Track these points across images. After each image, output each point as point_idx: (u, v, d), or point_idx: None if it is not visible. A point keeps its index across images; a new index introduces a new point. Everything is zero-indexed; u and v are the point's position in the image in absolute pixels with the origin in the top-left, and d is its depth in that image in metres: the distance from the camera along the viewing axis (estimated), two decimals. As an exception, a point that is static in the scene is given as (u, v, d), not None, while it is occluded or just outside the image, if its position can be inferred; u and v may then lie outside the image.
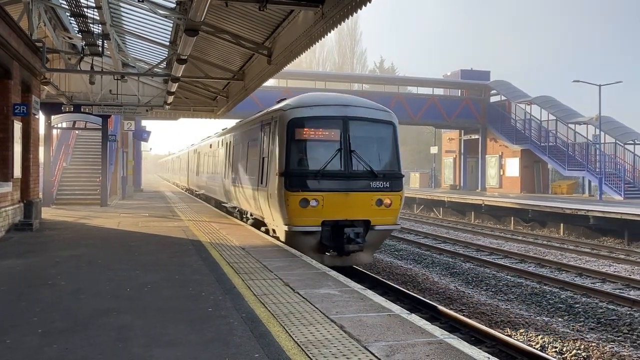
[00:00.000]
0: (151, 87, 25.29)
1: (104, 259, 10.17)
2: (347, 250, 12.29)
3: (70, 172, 27.46)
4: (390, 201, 12.79)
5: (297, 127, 12.54)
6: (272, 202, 12.92)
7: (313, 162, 12.66)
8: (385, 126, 13.26)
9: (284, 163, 12.42)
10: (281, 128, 12.67)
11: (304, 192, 12.24)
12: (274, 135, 12.98)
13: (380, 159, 13.12)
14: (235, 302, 6.94)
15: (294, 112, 12.72)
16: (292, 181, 12.30)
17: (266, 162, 13.53)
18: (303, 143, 12.73)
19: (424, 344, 5.29)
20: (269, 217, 13.70)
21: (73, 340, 5.38)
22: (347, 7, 10.41)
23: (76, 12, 13.70)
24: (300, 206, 12.20)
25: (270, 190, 12.99)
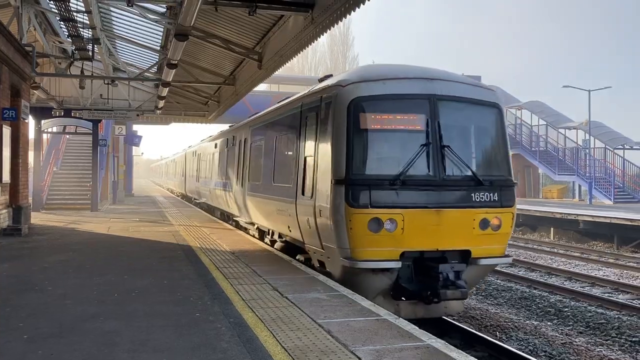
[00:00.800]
0: (142, 92, 25.22)
1: (92, 264, 10.12)
2: (444, 297, 8.40)
3: (60, 176, 27.32)
4: (500, 221, 8.87)
5: (363, 111, 8.67)
6: (321, 222, 8.97)
7: (388, 164, 8.80)
8: (488, 110, 9.37)
9: (344, 165, 8.49)
10: (338, 113, 8.75)
11: (376, 208, 8.31)
12: (326, 124, 9.07)
13: (484, 159, 9.45)
14: (223, 307, 6.92)
15: (358, 88, 8.77)
16: (358, 192, 8.34)
17: (311, 165, 9.55)
18: (373, 135, 8.78)
19: (411, 349, 5.30)
20: (312, 243, 9.70)
21: (58, 346, 5.34)
22: (336, 12, 10.44)
23: (66, 16, 13.66)
24: (370, 230, 8.28)
25: (319, 204, 9.01)
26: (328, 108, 9.04)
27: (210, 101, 26.13)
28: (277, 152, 12.13)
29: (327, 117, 9.03)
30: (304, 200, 9.74)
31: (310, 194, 9.41)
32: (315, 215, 9.13)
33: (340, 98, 8.80)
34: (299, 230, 10.15)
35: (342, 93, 8.82)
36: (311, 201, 9.30)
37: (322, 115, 9.28)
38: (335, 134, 8.75)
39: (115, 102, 23.68)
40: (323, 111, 9.26)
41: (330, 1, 10.51)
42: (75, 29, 14.66)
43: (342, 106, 8.71)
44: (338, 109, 8.77)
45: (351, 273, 8.59)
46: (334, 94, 8.96)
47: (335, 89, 9.03)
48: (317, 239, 9.34)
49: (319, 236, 9.21)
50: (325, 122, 9.09)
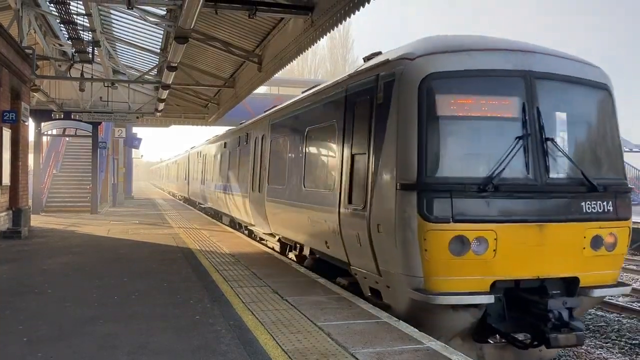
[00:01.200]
0: (142, 94, 25.25)
1: (92, 267, 10.11)
2: (556, 343, 6.38)
3: (60, 179, 27.31)
4: (615, 239, 6.95)
5: (441, 92, 6.66)
6: (379, 239, 6.93)
7: (473, 163, 6.80)
8: (597, 93, 7.39)
9: (416, 164, 6.47)
10: (405, 95, 6.69)
11: (460, 222, 6.33)
12: (385, 111, 6.97)
13: (594, 156, 7.39)
14: (223, 309, 6.91)
15: (433, 61, 6.73)
16: (436, 201, 6.35)
17: (362, 165, 7.48)
18: (454, 124, 6.81)
19: (411, 351, 5.29)
20: (362, 265, 7.61)
21: (58, 349, 5.33)
22: (336, 15, 10.47)
23: (66, 19, 13.69)
24: (452, 252, 6.30)
25: (376, 216, 6.97)
26: (389, 89, 6.94)
27: (210, 104, 26.17)
28: (308, 150, 10.04)
29: (388, 102, 6.92)
30: (352, 211, 7.65)
31: (361, 203, 7.33)
32: (370, 230, 7.06)
33: (407, 75, 6.71)
34: (343, 247, 8.08)
35: (410, 69, 6.71)
36: (363, 212, 7.21)
37: (379, 99, 7.17)
38: (401, 123, 6.66)
39: (115, 105, 23.70)
40: (381, 94, 7.13)
41: (329, 4, 10.53)
42: (75, 31, 14.70)
43: (411, 85, 6.63)
44: (405, 90, 6.69)
45: (422, 308, 6.54)
46: (399, 70, 6.83)
47: (399, 64, 6.87)
48: (370, 261, 7.22)
49: (374, 258, 7.09)
50: (385, 108, 6.97)
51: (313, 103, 9.99)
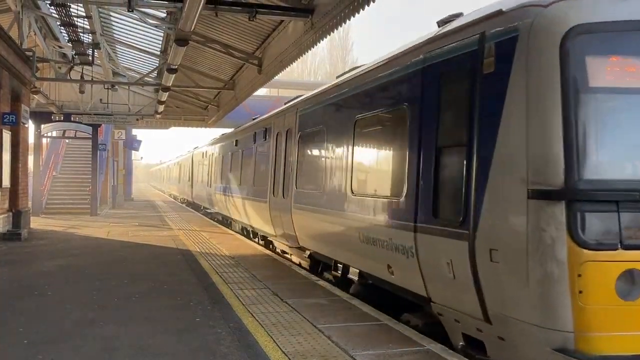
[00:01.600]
0: (142, 96, 25.26)
1: (92, 269, 10.11)
2: None
3: (60, 181, 27.32)
4: None
5: (594, 53, 4.63)
6: (496, 271, 4.87)
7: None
8: None
9: (562, 160, 4.44)
10: (538, 58, 4.67)
11: (635, 249, 4.38)
12: (501, 83, 4.93)
13: None
14: (224, 311, 6.92)
15: (578, 8, 4.70)
16: (594, 216, 4.41)
17: (457, 162, 5.47)
18: (614, 100, 4.75)
19: (411, 353, 5.30)
20: (454, 302, 5.62)
21: (58, 351, 5.34)
22: (336, 18, 10.47)
23: (66, 21, 13.71)
24: (620, 294, 4.35)
25: (488, 236, 4.96)
26: (507, 52, 4.86)
27: (210, 105, 26.17)
28: (358, 145, 7.90)
29: (505, 70, 4.84)
30: (439, 227, 5.56)
31: (456, 217, 5.26)
32: (475, 257, 4.98)
33: (540, 29, 4.63)
34: (420, 276, 6.02)
35: (544, 19, 4.64)
36: (461, 230, 5.14)
37: (486, 68, 5.07)
38: (532, 99, 4.60)
39: (115, 107, 23.71)
40: (491, 58, 5.03)
41: (330, 7, 10.54)
42: (75, 33, 14.72)
43: (549, 43, 4.57)
44: (538, 51, 4.62)
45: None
46: (525, 23, 4.74)
47: (524, 15, 4.79)
48: (471, 300, 5.13)
49: (479, 296, 5.02)
50: (499, 79, 4.91)
51: (366, 84, 7.73)
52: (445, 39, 5.79)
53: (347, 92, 8.44)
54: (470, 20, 5.53)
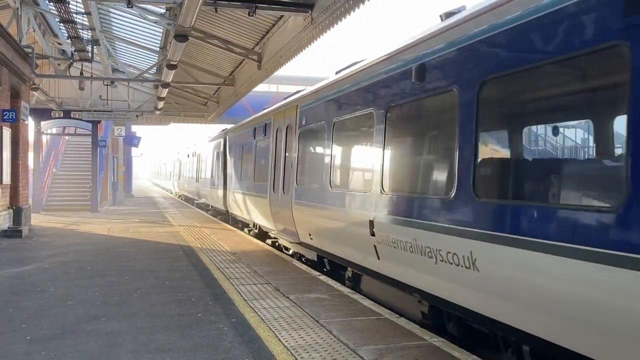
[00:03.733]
0: (141, 93, 25.24)
1: (93, 266, 10.12)
2: None
3: (60, 178, 27.31)
4: None
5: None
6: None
7: None
8: None
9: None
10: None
11: None
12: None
13: None
14: (225, 307, 6.93)
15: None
16: None
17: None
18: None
19: (413, 347, 5.31)
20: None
21: (61, 347, 5.35)
22: (336, 13, 10.45)
23: (66, 18, 13.66)
24: None
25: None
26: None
27: (209, 102, 26.17)
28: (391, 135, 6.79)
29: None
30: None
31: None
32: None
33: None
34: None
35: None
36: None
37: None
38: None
39: (114, 103, 23.68)
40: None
41: (329, 1, 10.52)
42: (74, 30, 14.68)
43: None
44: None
45: None
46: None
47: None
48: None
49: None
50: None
51: (419, 55, 6.16)
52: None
53: (381, 72, 7.08)
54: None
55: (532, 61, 4.51)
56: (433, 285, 5.88)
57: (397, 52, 6.81)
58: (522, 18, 4.56)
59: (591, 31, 3.92)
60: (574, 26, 4.06)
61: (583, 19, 3.99)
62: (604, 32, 3.81)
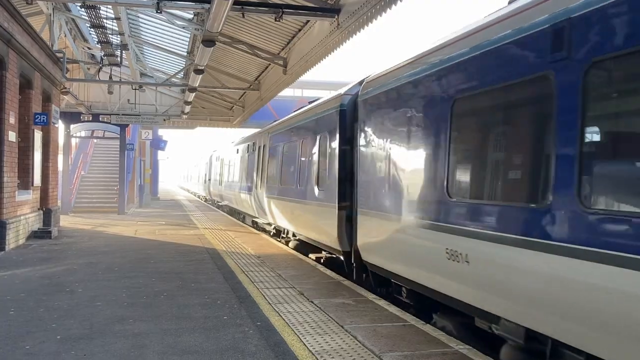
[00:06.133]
0: (168, 97, 25.57)
1: (120, 267, 10.26)
2: None
3: (88, 180, 27.79)
4: None
5: None
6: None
7: None
8: None
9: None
10: None
11: None
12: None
13: None
14: (250, 310, 6.97)
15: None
16: None
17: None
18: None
19: (439, 354, 5.27)
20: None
21: (90, 347, 5.44)
22: (362, 17, 10.47)
23: (96, 23, 13.95)
24: None
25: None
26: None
27: (235, 106, 26.38)
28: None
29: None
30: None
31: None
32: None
33: None
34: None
35: None
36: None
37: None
38: None
39: (142, 107, 24.06)
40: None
41: (356, 6, 10.55)
42: (104, 35, 14.97)
43: None
44: None
45: None
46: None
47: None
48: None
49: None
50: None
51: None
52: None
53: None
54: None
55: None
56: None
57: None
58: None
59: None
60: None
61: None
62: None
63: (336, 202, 9.45)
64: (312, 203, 11.02)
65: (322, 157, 10.54)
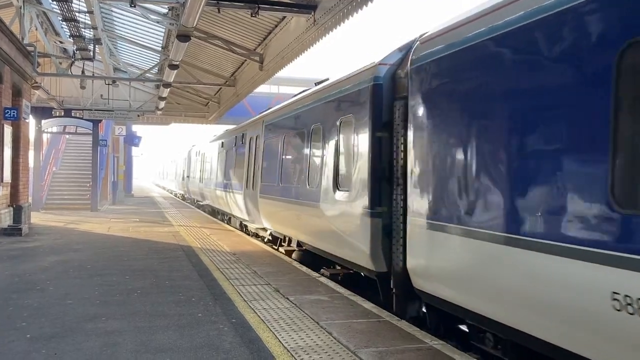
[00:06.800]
0: (143, 92, 25.27)
1: (93, 264, 10.11)
2: None
3: (60, 176, 27.33)
4: None
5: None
6: None
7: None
8: None
9: None
10: None
11: None
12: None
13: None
14: (225, 307, 6.92)
15: None
16: None
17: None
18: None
19: (413, 350, 5.30)
20: None
21: (61, 346, 5.34)
22: (339, 14, 10.46)
23: (68, 16, 13.69)
24: None
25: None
26: None
27: (210, 102, 26.19)
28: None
29: None
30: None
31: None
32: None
33: None
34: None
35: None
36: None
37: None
38: None
39: (115, 103, 23.71)
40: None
41: (332, 3, 10.53)
42: (76, 29, 14.71)
43: None
44: None
45: None
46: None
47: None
48: None
49: None
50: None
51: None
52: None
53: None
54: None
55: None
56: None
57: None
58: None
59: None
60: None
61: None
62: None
63: (368, 207, 7.34)
64: (328, 207, 8.87)
65: (344, 148, 8.47)
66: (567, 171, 4.17)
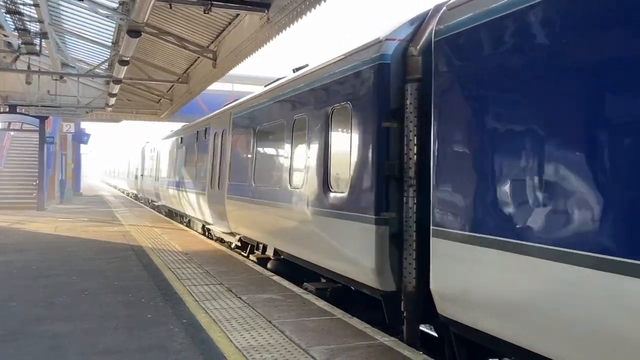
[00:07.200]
0: (92, 89, 24.62)
1: (38, 265, 9.81)
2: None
3: (4, 175, 26.41)
4: None
5: None
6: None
7: None
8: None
9: None
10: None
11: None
12: None
13: None
14: (176, 308, 6.84)
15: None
16: None
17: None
18: None
19: (364, 347, 5.37)
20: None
21: (4, 350, 5.17)
22: (292, 13, 10.45)
23: (12, 9, 13.20)
24: None
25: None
26: None
27: (162, 99, 25.75)
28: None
29: None
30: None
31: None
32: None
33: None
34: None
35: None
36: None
37: None
38: None
39: (63, 99, 23.02)
40: None
41: (286, 1, 10.52)
42: (21, 22, 14.19)
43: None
44: None
45: None
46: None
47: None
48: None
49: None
50: None
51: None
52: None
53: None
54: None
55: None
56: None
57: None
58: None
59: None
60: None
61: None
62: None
63: (373, 213, 6.14)
64: (318, 211, 7.57)
65: (339, 141, 7.24)
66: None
